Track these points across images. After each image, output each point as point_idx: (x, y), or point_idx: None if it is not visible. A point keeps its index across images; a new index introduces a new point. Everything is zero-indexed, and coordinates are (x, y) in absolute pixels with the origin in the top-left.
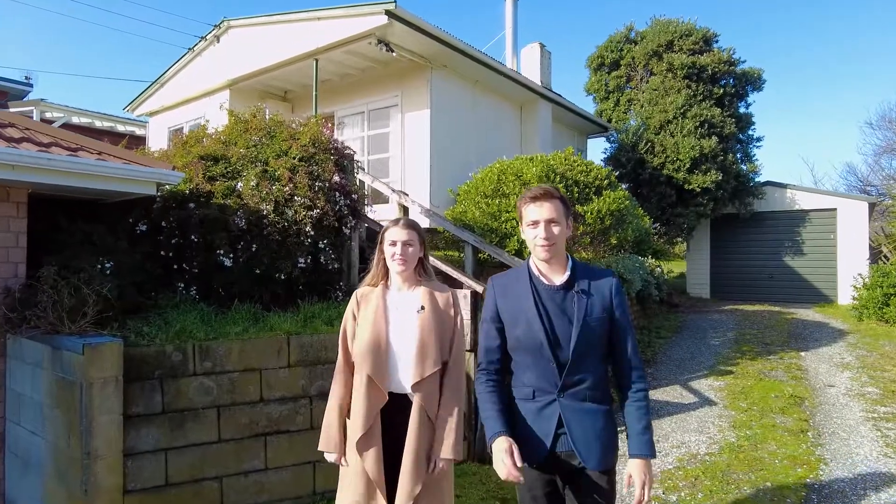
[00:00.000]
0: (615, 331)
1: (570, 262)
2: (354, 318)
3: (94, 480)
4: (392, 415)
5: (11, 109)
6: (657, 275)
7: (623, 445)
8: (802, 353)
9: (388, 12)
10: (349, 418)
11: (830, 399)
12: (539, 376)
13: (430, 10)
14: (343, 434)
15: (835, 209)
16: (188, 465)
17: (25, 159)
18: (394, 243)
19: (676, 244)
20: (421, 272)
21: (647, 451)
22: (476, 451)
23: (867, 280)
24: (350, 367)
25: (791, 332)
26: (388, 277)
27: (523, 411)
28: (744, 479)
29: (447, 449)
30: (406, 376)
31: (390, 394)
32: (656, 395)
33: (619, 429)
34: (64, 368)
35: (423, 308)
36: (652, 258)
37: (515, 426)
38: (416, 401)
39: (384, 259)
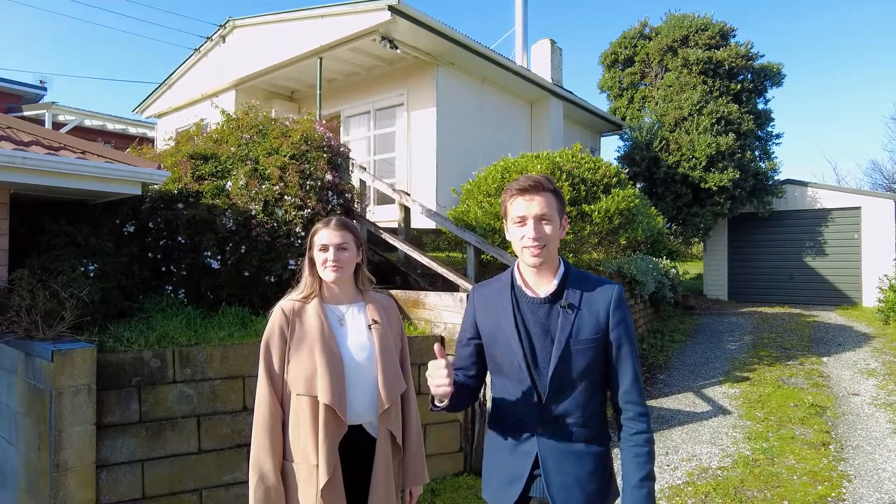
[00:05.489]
0: (610, 355)
1: (561, 270)
2: (285, 337)
3: (64, 494)
4: (345, 452)
5: (25, 112)
6: (672, 276)
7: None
8: (824, 359)
9: (391, 8)
10: (287, 461)
11: (854, 409)
12: (517, 406)
13: (439, 6)
14: (282, 485)
15: (859, 208)
16: (166, 477)
17: (0, 158)
18: (325, 248)
19: (693, 245)
20: (360, 281)
21: None
22: (472, 463)
23: (894, 281)
24: (279, 401)
25: (812, 335)
26: (321, 289)
27: (497, 446)
28: (758, 496)
29: (423, 474)
30: (365, 403)
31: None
32: (667, 402)
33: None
34: (35, 376)
35: (375, 322)
36: (667, 259)
37: (487, 459)
38: (383, 432)
39: (315, 268)
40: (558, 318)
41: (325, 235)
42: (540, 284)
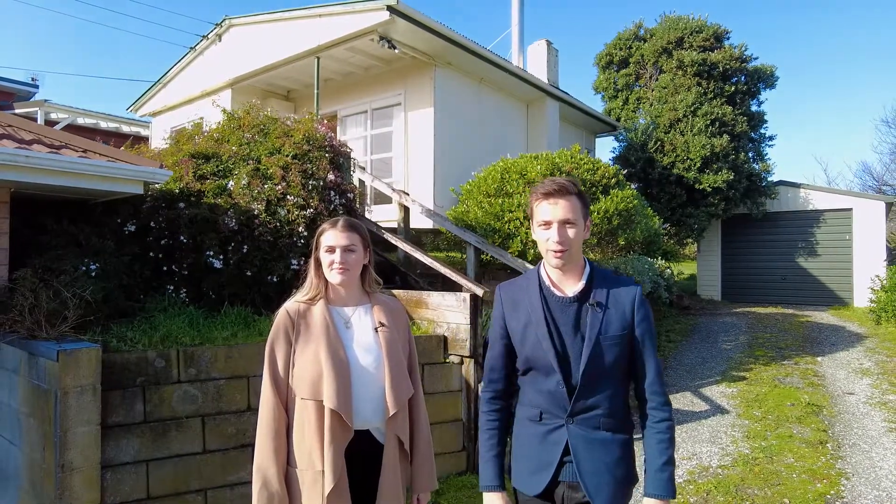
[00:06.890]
0: (635, 350)
1: (586, 269)
2: (290, 340)
3: (69, 494)
4: (351, 457)
5: (17, 110)
6: (667, 276)
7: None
8: (819, 359)
9: (389, 8)
10: (292, 466)
11: (850, 408)
12: (547, 398)
13: (436, 6)
14: (286, 491)
15: (850, 209)
16: (171, 477)
17: (2, 156)
18: (331, 249)
19: (687, 245)
20: (366, 283)
21: (666, 491)
22: (475, 463)
23: (885, 282)
24: (284, 405)
25: (806, 335)
26: (327, 291)
27: (527, 433)
28: (759, 494)
29: (432, 481)
30: (372, 408)
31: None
32: None
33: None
34: (39, 376)
35: (381, 325)
36: (662, 259)
37: (516, 447)
38: (390, 436)
39: (321, 269)
40: (587, 316)
41: (332, 237)
42: (567, 284)
